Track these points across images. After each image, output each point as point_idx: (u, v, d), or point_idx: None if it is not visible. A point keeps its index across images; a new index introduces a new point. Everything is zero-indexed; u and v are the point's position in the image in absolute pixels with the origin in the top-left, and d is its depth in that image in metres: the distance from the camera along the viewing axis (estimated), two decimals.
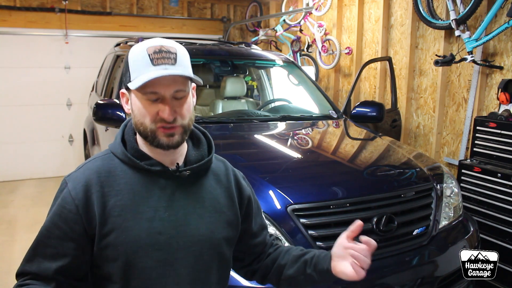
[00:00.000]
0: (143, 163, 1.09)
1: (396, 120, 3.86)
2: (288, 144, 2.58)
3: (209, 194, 1.16)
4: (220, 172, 1.22)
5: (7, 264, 3.25)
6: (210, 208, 1.15)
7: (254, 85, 4.30)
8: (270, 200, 1.84)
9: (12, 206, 4.71)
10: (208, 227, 1.13)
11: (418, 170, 2.28)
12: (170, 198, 1.10)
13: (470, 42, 3.16)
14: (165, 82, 1.04)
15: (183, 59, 1.07)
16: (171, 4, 6.15)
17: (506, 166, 2.79)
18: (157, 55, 1.03)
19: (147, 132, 1.07)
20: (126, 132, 1.15)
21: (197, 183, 1.15)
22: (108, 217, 1.05)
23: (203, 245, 1.12)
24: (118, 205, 1.06)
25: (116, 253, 1.05)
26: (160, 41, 1.06)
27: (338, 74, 4.99)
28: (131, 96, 1.09)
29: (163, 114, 1.04)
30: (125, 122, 1.20)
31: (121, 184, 1.08)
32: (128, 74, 1.07)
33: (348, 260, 1.11)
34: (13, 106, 5.50)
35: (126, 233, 1.05)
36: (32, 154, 5.65)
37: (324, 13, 4.79)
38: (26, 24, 5.38)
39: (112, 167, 1.10)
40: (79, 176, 1.09)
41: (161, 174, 1.11)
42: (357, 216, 1.91)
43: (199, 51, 3.40)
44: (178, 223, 1.09)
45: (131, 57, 1.08)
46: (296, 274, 1.21)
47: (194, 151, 1.18)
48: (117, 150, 1.12)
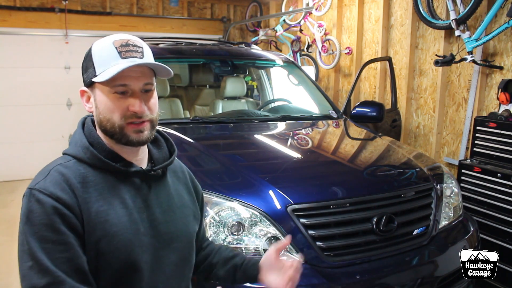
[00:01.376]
0: (118, 165, 1.05)
1: (396, 120, 3.86)
2: (288, 144, 2.58)
3: (175, 190, 1.17)
4: (176, 169, 1.23)
5: (7, 264, 3.25)
6: (179, 204, 1.16)
7: (254, 85, 4.30)
8: (270, 200, 1.84)
9: (12, 206, 4.71)
10: (183, 221, 1.15)
11: (418, 170, 2.28)
12: (146, 198, 1.08)
13: (470, 42, 3.16)
14: (134, 75, 1.02)
15: (148, 54, 1.07)
16: (171, 4, 6.15)
17: (506, 166, 2.79)
18: (125, 48, 1.02)
19: (115, 129, 1.03)
20: (89, 135, 1.08)
21: (163, 181, 1.15)
22: (95, 224, 0.98)
23: (182, 240, 1.13)
24: (101, 210, 1.00)
25: (109, 260, 0.99)
26: (125, 35, 1.06)
27: (338, 74, 4.99)
28: (95, 93, 1.05)
29: (134, 108, 1.02)
30: (80, 124, 1.13)
31: (98, 189, 1.01)
32: (93, 69, 1.03)
33: (276, 274, 1.19)
34: (13, 106, 5.50)
35: (116, 238, 1.00)
36: (32, 154, 5.64)
37: (324, 13, 4.79)
38: (26, 24, 5.38)
39: (82, 173, 1.02)
40: (55, 182, 0.99)
41: (135, 175, 1.08)
42: (357, 216, 1.91)
43: (199, 51, 3.40)
44: (156, 222, 1.08)
45: (96, 51, 1.05)
46: (225, 276, 1.28)
47: (156, 150, 1.17)
48: (84, 155, 1.04)
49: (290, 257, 1.25)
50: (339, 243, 1.85)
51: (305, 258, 1.77)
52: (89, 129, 1.09)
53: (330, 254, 1.80)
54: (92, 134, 1.08)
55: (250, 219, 1.78)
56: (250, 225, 1.78)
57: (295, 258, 1.21)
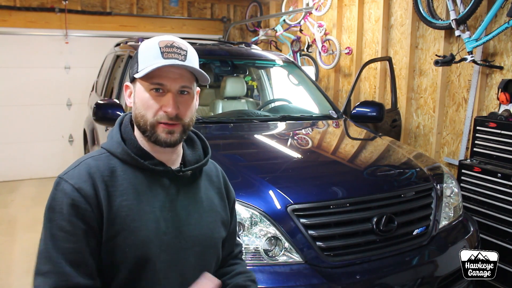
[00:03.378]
0: (147, 163, 1.07)
1: (396, 120, 3.86)
2: (288, 144, 2.58)
3: (205, 194, 1.17)
4: (211, 173, 1.23)
5: (7, 264, 3.24)
6: (207, 208, 1.15)
7: (254, 85, 4.29)
8: (270, 200, 1.84)
9: (12, 206, 4.71)
10: (209, 226, 1.14)
11: (418, 170, 2.28)
12: (173, 199, 1.09)
13: (470, 42, 3.16)
14: (172, 76, 1.04)
15: (192, 58, 1.08)
16: (171, 4, 6.16)
17: (506, 166, 2.79)
18: (168, 49, 1.04)
19: (146, 126, 1.05)
20: (124, 131, 1.11)
21: (194, 184, 1.15)
22: (115, 217, 1.01)
23: (204, 244, 1.12)
24: (124, 205, 1.02)
25: (124, 255, 1.01)
26: (173, 37, 1.08)
27: (338, 74, 4.99)
28: (136, 88, 1.08)
29: (166, 108, 1.04)
30: (119, 120, 1.15)
31: (124, 184, 1.04)
32: (136, 65, 1.07)
33: None
34: (13, 106, 5.50)
35: (134, 234, 1.01)
36: (32, 154, 5.65)
37: (324, 13, 4.79)
38: (26, 24, 5.38)
39: (112, 166, 1.05)
40: (80, 173, 1.02)
41: (164, 174, 1.09)
42: (357, 216, 1.91)
43: (199, 51, 3.35)
44: (180, 223, 1.09)
45: (142, 49, 1.08)
46: None
47: (190, 152, 1.18)
48: (116, 149, 1.07)
49: None
50: (339, 243, 1.85)
51: (305, 258, 1.77)
52: (125, 126, 1.12)
53: (330, 254, 1.80)
54: (126, 130, 1.11)
55: (250, 219, 1.78)
56: (250, 225, 1.78)
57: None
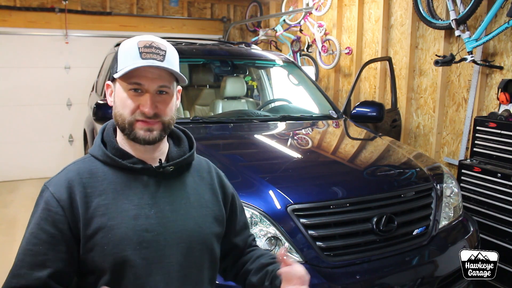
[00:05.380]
0: (125, 162, 1.08)
1: (396, 120, 3.86)
2: (288, 144, 2.58)
3: (193, 190, 1.17)
4: (202, 170, 1.23)
5: (7, 264, 3.24)
6: (195, 204, 1.15)
7: (254, 85, 4.29)
8: (270, 200, 1.84)
9: (12, 206, 4.71)
10: (196, 222, 1.13)
11: (418, 170, 2.28)
12: (154, 195, 1.10)
13: (470, 42, 3.16)
14: (150, 76, 1.05)
15: (171, 58, 1.09)
16: (171, 4, 6.15)
17: (506, 166, 2.79)
18: (147, 49, 1.05)
19: (124, 124, 1.07)
20: (106, 134, 1.15)
21: (181, 180, 1.16)
22: (92, 217, 1.03)
23: (191, 240, 1.11)
24: (101, 204, 1.04)
25: (103, 253, 1.02)
26: (153, 37, 1.08)
27: (338, 74, 4.99)
28: (115, 87, 1.10)
29: (143, 108, 1.05)
30: (103, 126, 1.19)
31: (104, 184, 1.07)
32: (116, 65, 1.08)
33: (292, 284, 1.06)
34: (13, 106, 5.50)
35: (112, 231, 1.03)
36: (32, 154, 5.65)
37: (324, 13, 4.79)
38: (26, 24, 5.38)
39: (93, 168, 1.09)
40: (60, 179, 1.07)
41: (144, 172, 1.10)
42: (357, 216, 1.91)
43: (199, 51, 3.40)
44: (165, 220, 1.08)
45: (121, 49, 1.09)
46: (258, 283, 1.20)
47: (175, 149, 1.18)
48: (97, 152, 1.11)
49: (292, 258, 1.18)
50: (339, 243, 1.85)
51: (305, 258, 1.77)
52: (107, 129, 1.16)
53: (330, 254, 1.80)
54: (107, 133, 1.14)
55: (250, 219, 1.78)
56: (250, 225, 1.78)
57: (295, 258, 1.18)
